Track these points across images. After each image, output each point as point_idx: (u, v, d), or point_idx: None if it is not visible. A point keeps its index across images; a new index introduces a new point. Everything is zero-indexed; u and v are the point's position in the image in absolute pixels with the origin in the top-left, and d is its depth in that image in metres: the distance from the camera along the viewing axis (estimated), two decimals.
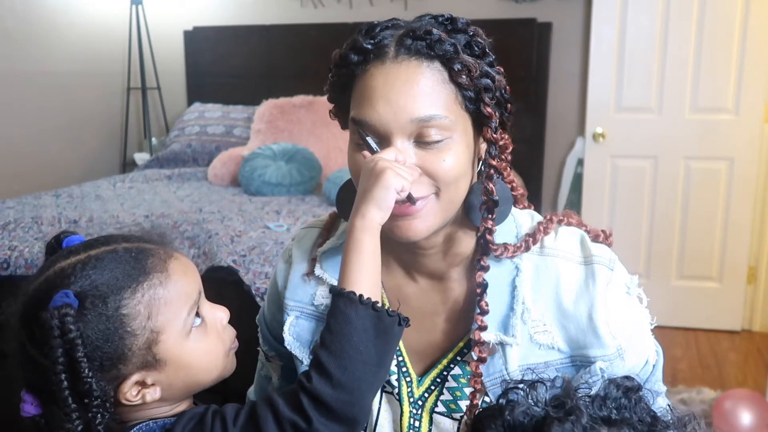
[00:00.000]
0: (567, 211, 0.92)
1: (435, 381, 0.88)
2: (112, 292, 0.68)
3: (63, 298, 0.65)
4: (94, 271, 0.68)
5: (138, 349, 0.69)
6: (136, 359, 0.69)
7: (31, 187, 3.05)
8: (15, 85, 3.25)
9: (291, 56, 3.62)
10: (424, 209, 0.78)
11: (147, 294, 0.70)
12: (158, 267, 0.72)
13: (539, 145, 3.35)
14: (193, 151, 3.53)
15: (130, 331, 0.68)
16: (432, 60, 0.76)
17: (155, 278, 0.71)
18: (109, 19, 3.79)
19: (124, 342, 0.68)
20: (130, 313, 0.68)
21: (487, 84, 0.78)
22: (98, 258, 0.70)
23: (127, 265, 0.70)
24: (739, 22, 2.97)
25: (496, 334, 0.83)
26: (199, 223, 2.24)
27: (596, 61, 3.16)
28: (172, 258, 0.74)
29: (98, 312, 0.67)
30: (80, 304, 0.66)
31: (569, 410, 0.66)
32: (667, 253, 3.24)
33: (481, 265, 0.82)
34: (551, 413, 0.66)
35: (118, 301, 0.68)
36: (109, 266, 0.69)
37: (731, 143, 3.07)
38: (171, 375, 0.72)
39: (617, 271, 0.85)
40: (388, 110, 0.75)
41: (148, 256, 0.72)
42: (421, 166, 0.77)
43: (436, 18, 0.81)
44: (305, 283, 0.93)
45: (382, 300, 0.89)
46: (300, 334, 0.92)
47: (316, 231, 0.98)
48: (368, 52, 0.77)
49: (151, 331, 0.69)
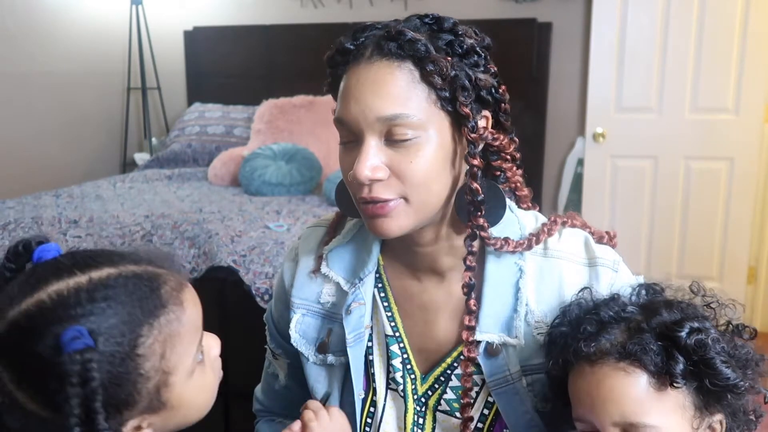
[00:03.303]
0: (571, 212, 0.93)
1: (438, 379, 0.89)
2: (129, 329, 0.58)
3: (81, 339, 0.54)
4: (107, 303, 0.58)
5: (147, 393, 0.60)
6: (142, 404, 0.60)
7: (31, 187, 3.05)
8: (15, 85, 3.25)
9: (291, 56, 3.62)
10: (394, 210, 0.79)
11: (164, 331, 0.61)
12: (173, 298, 0.63)
13: (539, 145, 3.35)
14: (193, 151, 3.53)
15: (143, 374, 0.59)
16: (404, 60, 0.77)
17: (171, 312, 0.62)
18: (109, 19, 3.79)
19: (135, 386, 0.59)
20: (145, 353, 0.59)
21: (464, 84, 0.78)
22: (106, 285, 0.59)
23: (142, 295, 0.60)
24: (739, 22, 2.97)
25: (499, 335, 0.83)
26: (200, 223, 2.24)
27: (596, 61, 3.16)
28: (185, 286, 0.66)
29: (112, 353, 0.57)
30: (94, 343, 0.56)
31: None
32: (667, 253, 3.24)
33: (467, 265, 0.82)
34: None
35: (134, 340, 0.58)
36: (121, 296, 0.59)
37: (731, 143, 3.07)
38: (167, 416, 0.63)
39: (621, 272, 0.86)
40: (358, 109, 0.77)
41: (161, 283, 0.63)
42: (389, 166, 0.78)
43: (422, 19, 0.82)
44: (311, 281, 0.94)
45: (392, 303, 0.90)
46: (306, 331, 0.93)
47: (322, 230, 0.99)
48: (349, 52, 0.80)
49: (163, 372, 0.61)
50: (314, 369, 0.93)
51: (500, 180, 0.90)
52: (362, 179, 0.77)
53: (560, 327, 0.80)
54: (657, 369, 0.71)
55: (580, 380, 0.75)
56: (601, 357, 0.73)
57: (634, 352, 0.72)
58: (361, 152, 0.77)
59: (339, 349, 0.91)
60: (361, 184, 0.78)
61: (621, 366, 0.72)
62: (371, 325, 0.90)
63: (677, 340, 0.72)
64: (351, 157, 0.79)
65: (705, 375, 0.71)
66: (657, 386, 0.71)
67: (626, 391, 0.71)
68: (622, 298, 0.80)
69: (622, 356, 0.72)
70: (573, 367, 0.76)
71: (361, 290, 0.90)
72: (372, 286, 0.91)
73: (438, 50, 0.78)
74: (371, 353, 0.91)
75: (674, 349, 0.72)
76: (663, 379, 0.71)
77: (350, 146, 0.81)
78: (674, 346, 0.72)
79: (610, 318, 0.76)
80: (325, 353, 0.92)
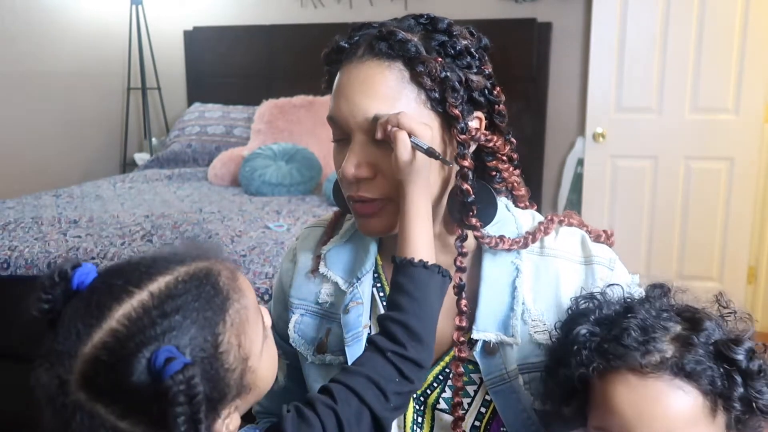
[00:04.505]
0: (568, 211, 0.93)
1: (437, 378, 0.89)
2: (209, 332, 0.58)
3: (176, 359, 0.53)
4: (181, 315, 0.57)
5: (234, 383, 0.60)
6: (231, 394, 0.61)
7: (31, 187, 3.05)
8: (15, 85, 3.25)
9: (291, 56, 3.62)
10: (381, 209, 0.80)
11: (235, 322, 0.61)
12: (232, 287, 0.63)
13: (539, 145, 3.35)
14: (193, 151, 3.53)
15: (228, 368, 0.59)
16: (394, 60, 0.78)
17: (235, 302, 0.62)
18: (109, 19, 3.79)
19: (225, 382, 0.59)
20: (226, 349, 0.59)
21: (454, 85, 0.78)
22: (170, 295, 0.58)
23: (207, 294, 0.60)
24: (739, 22, 2.97)
25: (496, 333, 0.84)
26: (200, 224, 2.24)
27: (596, 61, 3.16)
28: (236, 270, 0.66)
29: (202, 360, 0.57)
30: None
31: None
32: (667, 253, 3.24)
33: (458, 266, 0.83)
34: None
35: (215, 340, 0.59)
36: (190, 303, 0.58)
37: (731, 143, 3.07)
38: (249, 397, 0.64)
39: (617, 271, 0.86)
40: (347, 108, 0.78)
41: (217, 276, 0.62)
42: (377, 166, 0.79)
43: (417, 19, 0.82)
44: (310, 281, 0.94)
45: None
46: (305, 331, 0.93)
47: (320, 230, 0.99)
48: (344, 51, 0.81)
49: (242, 360, 0.61)
50: (313, 369, 0.93)
51: (496, 180, 0.90)
52: (348, 177, 0.78)
53: (584, 326, 0.75)
54: (714, 391, 0.68)
55: (621, 390, 0.70)
56: (653, 370, 0.69)
57: (693, 372, 0.68)
58: (349, 151, 0.79)
59: (338, 349, 0.91)
60: (349, 183, 0.79)
61: (677, 383, 0.68)
62: (369, 325, 0.90)
63: (737, 363, 0.69)
64: (342, 154, 0.81)
65: (755, 399, 0.69)
66: (710, 408, 0.69)
67: (681, 411, 0.68)
68: (657, 301, 0.77)
69: (679, 373, 0.69)
70: (607, 374, 0.71)
71: (358, 290, 0.90)
72: (370, 286, 0.91)
73: (430, 51, 0.78)
74: None
75: (735, 372, 0.69)
76: (717, 401, 0.69)
77: (341, 144, 0.82)
78: (735, 369, 0.69)
79: (651, 325, 0.72)
80: (324, 353, 0.92)
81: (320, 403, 0.68)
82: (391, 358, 0.71)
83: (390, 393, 0.70)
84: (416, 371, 0.72)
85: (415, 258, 0.75)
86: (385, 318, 0.74)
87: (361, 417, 0.69)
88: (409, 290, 0.74)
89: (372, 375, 0.70)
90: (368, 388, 0.69)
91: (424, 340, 0.73)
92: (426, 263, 0.75)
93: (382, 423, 0.70)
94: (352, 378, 0.70)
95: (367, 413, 0.69)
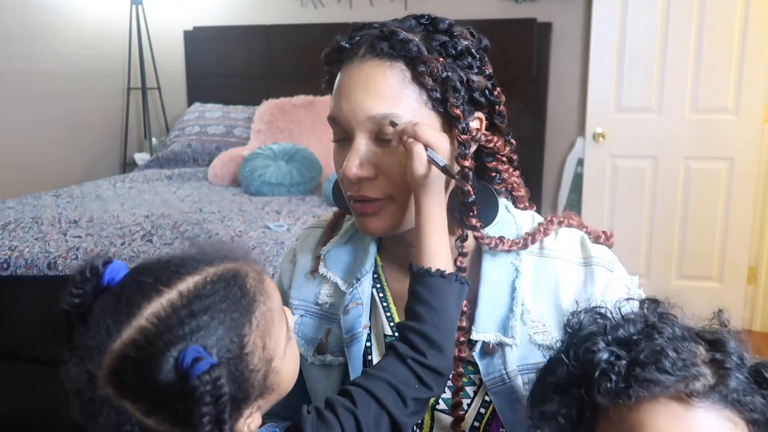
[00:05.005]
0: (568, 212, 0.93)
1: None
2: (235, 333, 0.59)
3: (203, 359, 0.54)
4: (209, 315, 0.58)
5: (258, 384, 0.61)
6: (254, 394, 0.62)
7: (31, 187, 3.05)
8: (15, 85, 3.25)
9: (291, 56, 3.63)
10: (382, 209, 0.80)
11: (260, 324, 0.61)
12: (259, 289, 0.63)
13: (539, 145, 3.35)
14: (193, 151, 3.53)
15: (253, 369, 0.60)
16: (395, 60, 0.78)
17: (261, 304, 0.62)
18: (109, 19, 3.79)
19: (250, 383, 0.60)
20: (251, 350, 0.60)
21: (455, 85, 0.78)
22: (198, 295, 0.59)
23: (234, 296, 0.61)
24: (739, 22, 2.97)
25: (496, 335, 0.84)
26: (200, 224, 2.24)
27: (596, 61, 3.16)
28: (262, 272, 0.66)
29: (228, 361, 0.58)
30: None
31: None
32: (667, 253, 3.24)
33: (458, 266, 0.82)
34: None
35: (241, 341, 0.59)
36: (218, 303, 0.59)
37: (731, 143, 3.07)
38: (272, 396, 0.65)
39: (617, 272, 0.86)
40: (348, 108, 0.78)
41: (245, 278, 0.63)
42: (378, 165, 0.79)
43: (418, 19, 0.82)
44: (310, 282, 0.94)
45: (391, 304, 0.90)
46: (305, 332, 0.93)
47: (320, 230, 0.99)
48: (344, 51, 0.81)
49: (266, 361, 0.62)
50: (313, 370, 0.93)
51: (496, 181, 0.90)
52: (350, 177, 0.78)
53: (603, 350, 0.67)
54: (758, 420, 0.64)
55: (664, 422, 0.62)
56: (701, 399, 0.62)
57: (740, 401, 0.63)
58: (350, 150, 0.78)
59: (337, 350, 0.91)
60: (350, 182, 0.79)
61: (727, 414, 0.63)
62: (369, 325, 0.90)
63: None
64: (342, 154, 0.80)
65: None
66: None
67: None
68: (671, 316, 0.71)
69: (727, 403, 0.63)
70: (643, 403, 0.63)
71: (358, 290, 0.90)
72: (370, 287, 0.91)
73: (431, 51, 0.78)
74: (370, 353, 0.91)
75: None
76: (761, 429, 0.65)
77: (342, 144, 0.82)
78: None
79: (681, 347, 0.65)
80: (324, 354, 0.92)
81: (340, 406, 0.68)
82: (411, 365, 0.71)
83: (409, 399, 0.70)
84: (436, 379, 0.72)
85: (433, 267, 0.76)
86: (404, 327, 0.74)
87: (380, 421, 0.69)
88: (427, 300, 0.74)
89: (392, 380, 0.70)
90: (388, 393, 0.70)
91: (444, 349, 0.73)
92: (443, 272, 0.75)
93: (401, 428, 0.70)
94: (372, 382, 0.70)
95: (386, 418, 0.69)
